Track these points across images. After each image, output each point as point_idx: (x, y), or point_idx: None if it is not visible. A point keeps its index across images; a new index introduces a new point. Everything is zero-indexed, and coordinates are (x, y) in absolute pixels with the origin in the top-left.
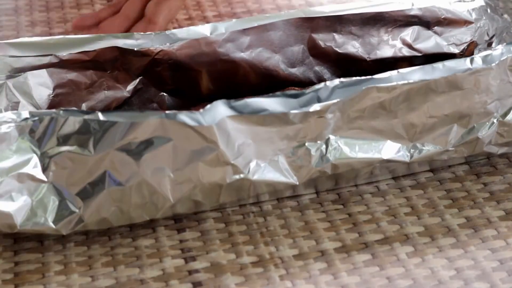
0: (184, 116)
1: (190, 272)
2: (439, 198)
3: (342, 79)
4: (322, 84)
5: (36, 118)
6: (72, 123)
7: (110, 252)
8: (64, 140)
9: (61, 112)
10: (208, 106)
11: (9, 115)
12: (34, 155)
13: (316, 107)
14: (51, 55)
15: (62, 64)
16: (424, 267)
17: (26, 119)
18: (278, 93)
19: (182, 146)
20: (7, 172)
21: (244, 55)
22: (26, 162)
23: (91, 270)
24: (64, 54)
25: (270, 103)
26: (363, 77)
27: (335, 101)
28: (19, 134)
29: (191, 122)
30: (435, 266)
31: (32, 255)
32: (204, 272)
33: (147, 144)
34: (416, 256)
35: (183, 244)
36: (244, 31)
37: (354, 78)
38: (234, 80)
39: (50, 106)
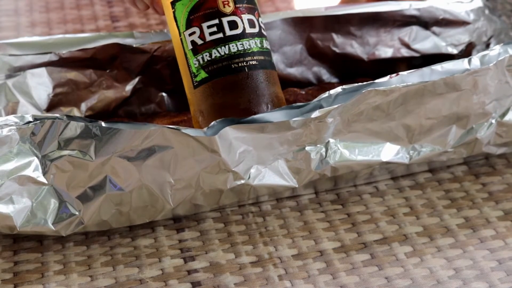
0: (186, 130)
1: (189, 272)
2: (438, 198)
3: (344, 86)
4: (326, 94)
5: (37, 122)
6: (74, 128)
7: (109, 251)
8: (65, 144)
9: (64, 116)
10: (213, 123)
11: (12, 118)
12: (35, 158)
13: (316, 113)
14: (50, 53)
15: (62, 62)
16: (423, 267)
17: (28, 122)
18: (284, 106)
19: (183, 154)
20: (8, 174)
21: None
22: (27, 165)
23: (90, 269)
24: (64, 52)
25: (276, 117)
26: (364, 83)
27: (335, 106)
28: (20, 137)
29: (193, 133)
30: (433, 266)
31: (31, 254)
32: (203, 271)
33: (149, 151)
34: (415, 256)
35: (182, 244)
36: None
37: (355, 84)
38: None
39: (49, 106)
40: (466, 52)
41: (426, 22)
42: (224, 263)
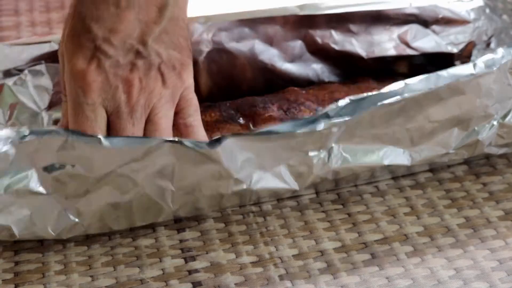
0: (188, 142)
1: (190, 272)
2: (438, 198)
3: (351, 97)
4: (334, 105)
5: (34, 136)
6: (72, 141)
7: (110, 252)
8: (63, 158)
9: (61, 130)
10: (219, 137)
11: (8, 132)
12: (33, 171)
13: (321, 125)
14: (49, 42)
15: None
16: (424, 267)
17: (24, 136)
18: (291, 120)
19: (184, 165)
20: (6, 188)
21: (239, 45)
22: (24, 177)
23: (91, 269)
24: None
25: (281, 129)
26: (371, 94)
27: (342, 120)
28: (17, 151)
29: (196, 147)
30: (434, 266)
31: (32, 254)
32: (204, 271)
33: (149, 164)
34: (415, 256)
35: (183, 244)
36: (240, 22)
37: (363, 95)
38: (231, 74)
39: (50, 104)
40: (466, 51)
41: (426, 20)
42: (225, 263)
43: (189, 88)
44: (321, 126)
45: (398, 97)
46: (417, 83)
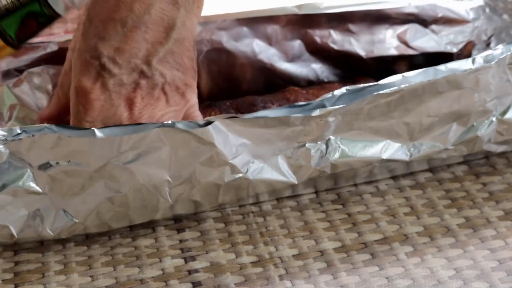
0: (180, 124)
1: (190, 272)
2: (438, 198)
3: (348, 87)
4: (329, 94)
5: (28, 134)
6: (65, 136)
7: (110, 252)
8: (58, 154)
9: (53, 126)
10: (212, 117)
11: (0, 132)
12: (28, 170)
13: (317, 112)
14: (49, 42)
15: (61, 52)
16: (423, 267)
17: (18, 134)
18: (285, 105)
19: (179, 150)
20: (1, 187)
21: (238, 44)
22: (20, 176)
23: (91, 269)
24: (63, 40)
25: (276, 114)
26: (368, 84)
27: (337, 107)
28: (10, 151)
29: (187, 128)
30: (434, 266)
31: (32, 254)
32: (204, 271)
33: (144, 152)
34: (415, 256)
35: (182, 244)
36: (239, 21)
37: (359, 85)
38: (231, 74)
39: None
40: (466, 50)
41: (425, 20)
42: (225, 263)
43: (193, 107)
44: (316, 112)
45: (395, 88)
46: (415, 76)
